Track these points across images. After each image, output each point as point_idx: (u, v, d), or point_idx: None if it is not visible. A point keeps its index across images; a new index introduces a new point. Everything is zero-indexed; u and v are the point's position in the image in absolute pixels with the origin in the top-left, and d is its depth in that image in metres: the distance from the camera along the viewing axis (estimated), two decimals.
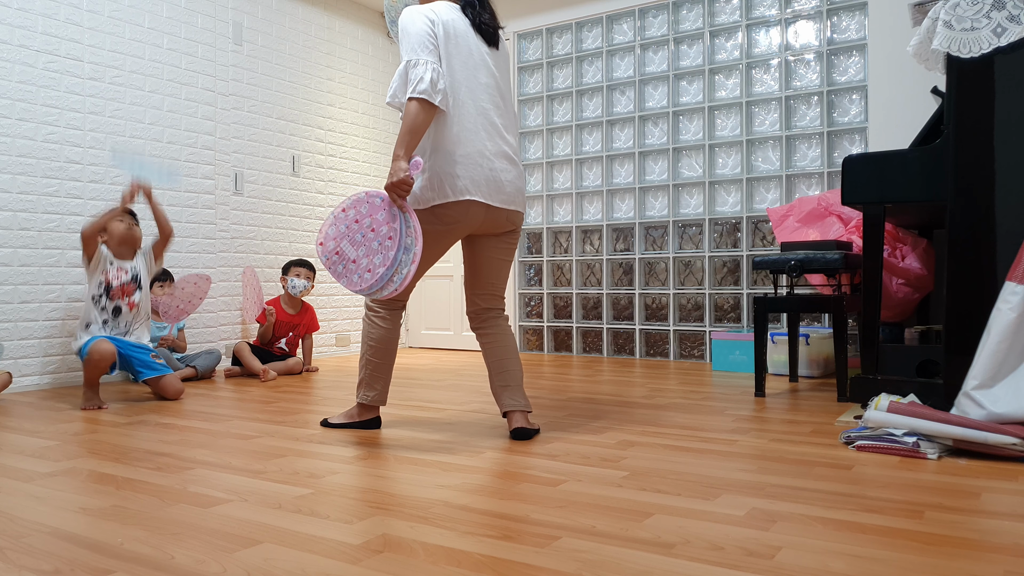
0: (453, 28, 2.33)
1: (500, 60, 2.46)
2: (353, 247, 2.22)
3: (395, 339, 2.49)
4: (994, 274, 2.38)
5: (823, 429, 2.44)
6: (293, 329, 4.26)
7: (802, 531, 1.43)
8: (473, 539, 1.40)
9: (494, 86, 2.41)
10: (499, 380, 2.41)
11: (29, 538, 1.43)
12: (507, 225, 2.43)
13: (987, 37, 2.33)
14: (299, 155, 4.92)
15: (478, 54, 2.37)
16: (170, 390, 3.20)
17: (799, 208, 3.75)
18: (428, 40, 2.27)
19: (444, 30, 2.30)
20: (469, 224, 2.35)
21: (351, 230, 2.24)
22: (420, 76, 2.22)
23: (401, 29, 2.32)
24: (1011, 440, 1.95)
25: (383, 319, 2.46)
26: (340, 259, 2.23)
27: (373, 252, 2.20)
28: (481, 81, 2.36)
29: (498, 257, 2.49)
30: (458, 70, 2.32)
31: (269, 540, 1.40)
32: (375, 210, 2.23)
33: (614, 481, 1.80)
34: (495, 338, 2.47)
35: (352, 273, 2.21)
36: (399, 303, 2.48)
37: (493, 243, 2.48)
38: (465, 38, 2.35)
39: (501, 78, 2.46)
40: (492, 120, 2.37)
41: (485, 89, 2.37)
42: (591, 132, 5.04)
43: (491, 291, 2.51)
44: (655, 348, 4.81)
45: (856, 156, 2.73)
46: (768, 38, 4.45)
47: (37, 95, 3.58)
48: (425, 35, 2.27)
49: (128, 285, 3.21)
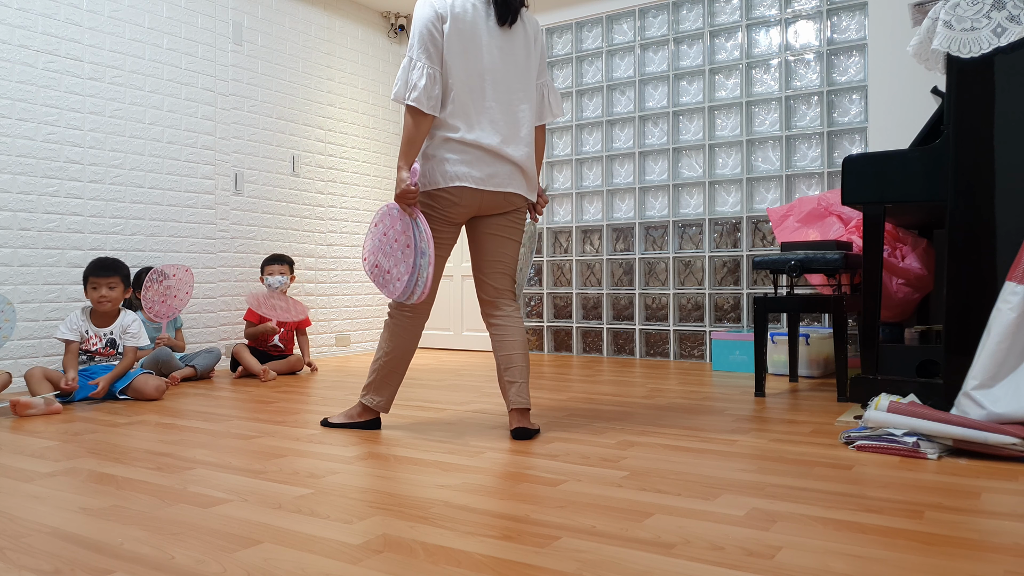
0: (465, 15, 2.31)
1: (517, 38, 2.40)
2: (386, 259, 2.34)
3: (412, 348, 2.49)
4: (994, 274, 2.38)
5: (823, 429, 2.44)
6: (284, 325, 4.27)
7: (802, 531, 1.43)
8: (473, 539, 1.40)
9: (511, 72, 2.38)
10: (506, 376, 2.41)
11: (29, 538, 1.43)
12: (506, 206, 2.43)
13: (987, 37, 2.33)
14: (299, 155, 4.92)
15: (489, 40, 2.35)
16: (148, 389, 3.21)
17: (799, 208, 3.75)
18: (429, 38, 2.29)
19: (452, 22, 2.30)
20: (467, 207, 2.38)
21: (382, 243, 2.35)
22: (415, 82, 2.27)
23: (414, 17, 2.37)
24: (1011, 440, 1.95)
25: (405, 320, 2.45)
26: (380, 271, 2.35)
27: (399, 261, 2.31)
28: (491, 70, 2.35)
29: (501, 235, 2.46)
30: (466, 60, 2.32)
31: (269, 540, 1.40)
32: (394, 221, 2.34)
33: (614, 481, 1.80)
34: (504, 331, 2.45)
35: (389, 284, 2.33)
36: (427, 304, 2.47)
37: (495, 220, 2.46)
38: (475, 27, 2.33)
39: (517, 58, 2.40)
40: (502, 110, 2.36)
41: (500, 78, 2.36)
42: (591, 132, 5.04)
43: (500, 269, 2.48)
44: (655, 348, 4.81)
45: (856, 156, 2.73)
46: (768, 38, 4.45)
47: (37, 95, 3.58)
48: (428, 32, 2.29)
49: (105, 349, 3.29)
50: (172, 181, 4.15)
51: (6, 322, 3.13)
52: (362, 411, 2.53)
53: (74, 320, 3.23)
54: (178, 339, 3.96)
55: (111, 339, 3.29)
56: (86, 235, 3.77)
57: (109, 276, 3.26)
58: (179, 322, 4.01)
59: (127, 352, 3.27)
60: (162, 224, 4.10)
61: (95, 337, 3.26)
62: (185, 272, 3.81)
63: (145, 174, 4.02)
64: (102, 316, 3.28)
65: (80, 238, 3.74)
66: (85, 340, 3.25)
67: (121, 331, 3.31)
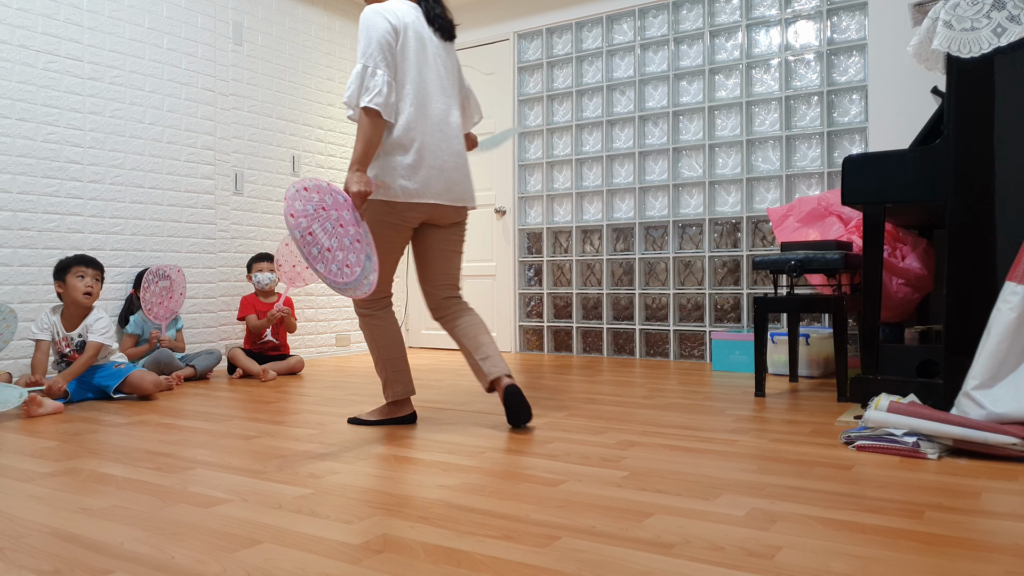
0: (414, 30, 2.44)
1: (452, 54, 2.58)
2: (325, 235, 2.22)
3: (398, 330, 2.57)
4: (994, 274, 2.38)
5: (823, 429, 2.44)
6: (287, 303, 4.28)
7: (802, 531, 1.43)
8: (473, 539, 1.40)
9: (449, 84, 2.53)
10: (478, 354, 2.47)
11: (29, 538, 1.42)
12: (455, 217, 2.56)
13: (987, 37, 2.33)
14: (299, 155, 4.92)
15: (434, 54, 2.49)
16: (146, 383, 3.19)
17: (799, 208, 3.75)
18: (388, 48, 2.37)
19: (404, 33, 2.41)
20: (419, 216, 2.47)
21: (319, 215, 2.22)
22: (377, 87, 2.32)
23: (362, 27, 2.41)
24: (1011, 440, 1.95)
25: (379, 319, 2.52)
26: (314, 241, 2.19)
27: (347, 248, 2.23)
28: (437, 83, 2.48)
29: (449, 249, 2.60)
30: (417, 73, 2.43)
31: (269, 540, 1.40)
32: (340, 207, 2.26)
33: (614, 481, 1.80)
34: (463, 319, 2.56)
35: (329, 262, 2.19)
36: (387, 301, 2.56)
37: (443, 235, 2.58)
38: (423, 39, 2.46)
39: (455, 72, 2.57)
40: (446, 121, 2.49)
41: (443, 91, 2.49)
42: (591, 132, 5.04)
43: (447, 281, 2.61)
44: (655, 348, 4.80)
45: (856, 156, 2.73)
46: (768, 38, 4.45)
47: (37, 95, 3.58)
48: (386, 42, 2.37)
49: (74, 352, 3.22)
50: (172, 181, 4.15)
51: (7, 328, 3.12)
52: (392, 408, 2.58)
53: (45, 320, 3.18)
54: (178, 340, 3.96)
55: (81, 342, 3.21)
56: (86, 235, 3.77)
57: (95, 268, 3.26)
58: (179, 323, 4.01)
59: (89, 347, 3.15)
60: (162, 224, 4.10)
61: (63, 340, 3.20)
62: (177, 273, 3.82)
63: (145, 174, 4.02)
64: (71, 317, 3.21)
65: (80, 238, 3.74)
66: (56, 341, 3.19)
67: (87, 329, 3.21)
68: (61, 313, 3.23)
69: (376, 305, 2.53)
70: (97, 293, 3.25)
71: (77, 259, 3.24)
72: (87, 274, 3.21)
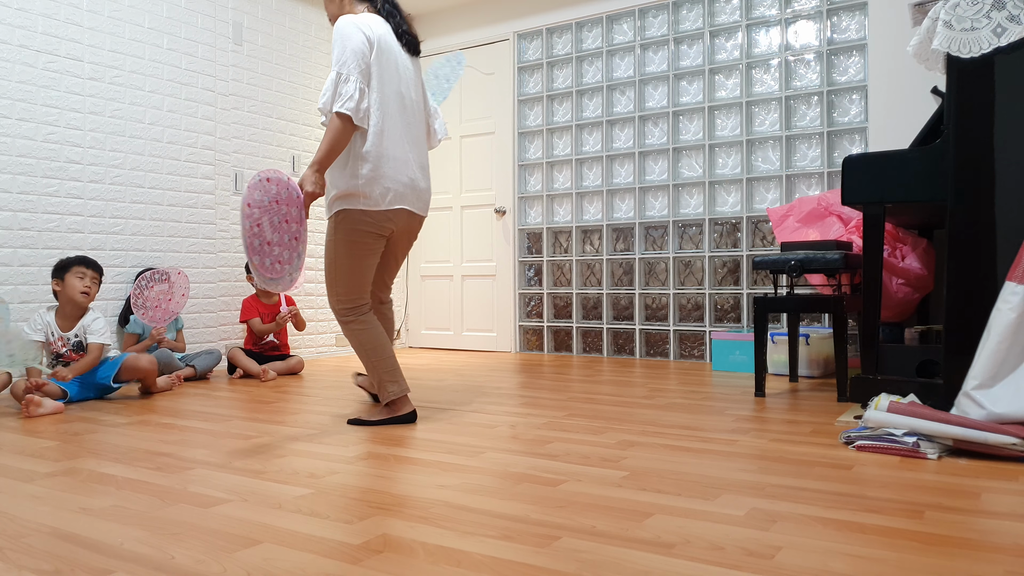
0: (386, 43, 2.52)
1: (419, 69, 2.69)
2: (271, 228, 2.26)
3: (383, 331, 2.64)
4: (994, 274, 2.38)
5: (823, 429, 2.44)
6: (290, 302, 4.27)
7: (802, 531, 1.43)
8: (473, 539, 1.40)
9: (417, 99, 2.64)
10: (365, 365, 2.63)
11: (29, 538, 1.43)
12: (416, 226, 2.69)
13: (987, 37, 2.33)
14: (299, 155, 4.92)
15: (403, 68, 2.58)
16: (142, 363, 3.20)
17: (799, 208, 3.75)
18: (362, 58, 2.42)
19: (378, 46, 2.48)
20: (394, 225, 2.56)
21: (271, 208, 2.27)
22: (350, 93, 2.37)
23: (337, 36, 2.46)
24: (1011, 440, 1.95)
25: (361, 323, 2.60)
26: (259, 233, 2.24)
27: (283, 245, 2.28)
28: (406, 95, 2.57)
29: (399, 254, 2.77)
30: (388, 85, 2.50)
31: (269, 540, 1.40)
32: (291, 203, 2.30)
33: (614, 481, 1.80)
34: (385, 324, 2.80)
35: (265, 256, 2.25)
36: (367, 307, 2.61)
37: (403, 243, 2.73)
38: (393, 52, 2.54)
39: (420, 87, 2.70)
40: (414, 133, 2.60)
41: (411, 103, 2.59)
42: (591, 132, 5.04)
43: (385, 284, 2.81)
44: (655, 348, 4.80)
45: (856, 156, 2.73)
46: (768, 38, 4.45)
47: (37, 95, 3.58)
48: (361, 52, 2.42)
49: (70, 353, 3.20)
50: (172, 181, 4.16)
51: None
52: (393, 407, 2.60)
53: (39, 320, 3.16)
54: (179, 340, 3.97)
55: (78, 342, 3.20)
56: (86, 235, 3.77)
57: (95, 270, 3.26)
58: (180, 323, 4.01)
59: (92, 348, 3.17)
60: (162, 224, 4.10)
61: (59, 340, 3.18)
62: (178, 275, 3.81)
63: (145, 174, 4.02)
64: (67, 317, 3.20)
65: (80, 238, 3.74)
66: (51, 342, 3.17)
67: (84, 330, 3.21)
68: (56, 312, 3.22)
69: (357, 311, 2.58)
70: (94, 295, 3.25)
71: (79, 259, 3.24)
72: (87, 275, 3.21)
